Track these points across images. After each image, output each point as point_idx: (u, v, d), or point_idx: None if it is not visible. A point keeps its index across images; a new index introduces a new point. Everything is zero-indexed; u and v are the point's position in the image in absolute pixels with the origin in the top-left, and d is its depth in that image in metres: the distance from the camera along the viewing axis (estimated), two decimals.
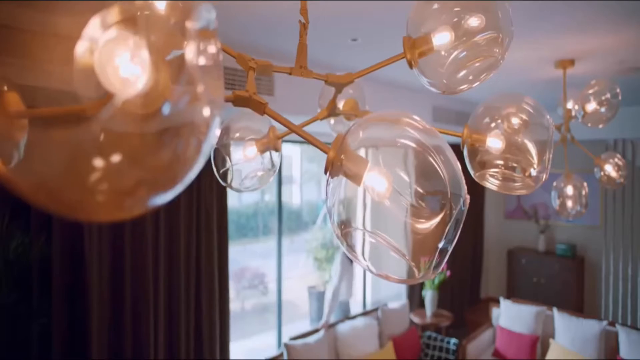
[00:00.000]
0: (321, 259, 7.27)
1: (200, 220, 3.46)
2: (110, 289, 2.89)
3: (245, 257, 11.67)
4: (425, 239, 0.76)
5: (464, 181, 0.77)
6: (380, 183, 0.76)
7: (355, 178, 0.78)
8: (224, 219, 3.68)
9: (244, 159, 1.35)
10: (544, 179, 1.21)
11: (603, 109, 2.48)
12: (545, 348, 4.62)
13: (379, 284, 6.45)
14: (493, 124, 1.23)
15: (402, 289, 6.83)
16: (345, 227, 0.79)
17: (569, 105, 2.90)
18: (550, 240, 6.72)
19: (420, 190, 0.77)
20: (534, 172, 1.25)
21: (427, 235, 0.76)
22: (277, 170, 1.38)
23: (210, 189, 3.51)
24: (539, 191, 6.96)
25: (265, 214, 14.92)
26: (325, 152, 0.80)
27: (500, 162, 1.26)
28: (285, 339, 3.89)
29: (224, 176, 1.33)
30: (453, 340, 4.49)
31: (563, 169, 3.04)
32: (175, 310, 3.28)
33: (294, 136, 1.06)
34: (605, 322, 4.38)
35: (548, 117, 1.18)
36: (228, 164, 1.38)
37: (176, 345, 3.28)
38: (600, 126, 2.58)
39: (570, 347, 4.37)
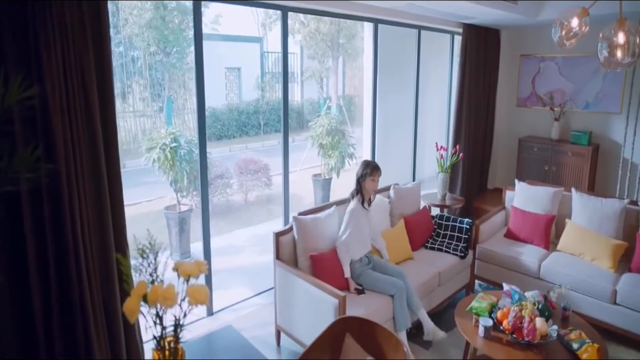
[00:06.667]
0: (326, 146, 7.02)
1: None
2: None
3: (247, 155, 11.44)
4: None
5: None
6: None
7: None
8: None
9: None
10: None
11: None
12: (560, 228, 4.49)
13: (389, 168, 6.23)
14: None
15: (410, 176, 6.65)
16: None
17: None
18: (565, 128, 6.43)
19: None
20: None
21: None
22: None
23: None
24: (556, 77, 6.57)
25: (266, 112, 14.55)
26: None
27: None
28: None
29: None
30: (467, 220, 4.34)
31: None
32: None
33: None
34: (626, 201, 4.21)
35: None
36: None
37: None
38: None
39: (588, 225, 4.23)
